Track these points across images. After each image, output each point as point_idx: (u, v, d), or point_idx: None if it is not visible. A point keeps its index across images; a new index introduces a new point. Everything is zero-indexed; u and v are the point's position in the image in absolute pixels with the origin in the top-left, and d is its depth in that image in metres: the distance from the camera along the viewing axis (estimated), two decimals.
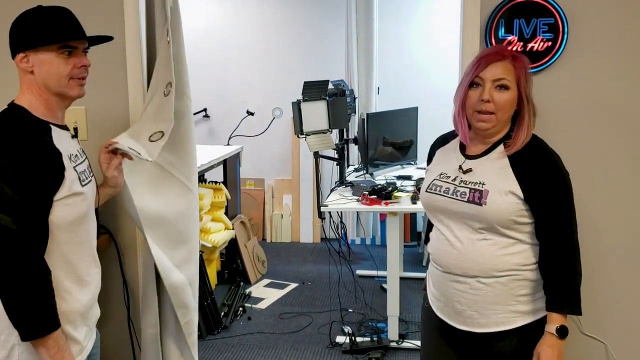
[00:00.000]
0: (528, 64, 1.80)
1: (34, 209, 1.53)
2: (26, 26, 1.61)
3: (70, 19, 1.66)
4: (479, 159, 1.81)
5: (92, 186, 1.75)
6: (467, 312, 1.80)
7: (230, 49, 5.72)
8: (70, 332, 1.67)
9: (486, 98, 1.72)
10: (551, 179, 1.72)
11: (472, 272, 1.77)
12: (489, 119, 1.74)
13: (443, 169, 1.88)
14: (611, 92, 2.39)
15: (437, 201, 1.84)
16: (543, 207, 1.72)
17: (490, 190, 1.73)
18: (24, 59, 1.61)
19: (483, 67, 1.74)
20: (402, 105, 4.49)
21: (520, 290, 1.77)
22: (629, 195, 2.45)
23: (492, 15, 2.38)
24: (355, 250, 5.37)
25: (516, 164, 1.74)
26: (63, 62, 1.62)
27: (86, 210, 1.69)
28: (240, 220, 4.68)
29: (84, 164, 1.73)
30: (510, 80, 1.73)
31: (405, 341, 3.50)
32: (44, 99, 1.64)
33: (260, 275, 4.75)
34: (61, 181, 1.58)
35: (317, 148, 3.49)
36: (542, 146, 1.79)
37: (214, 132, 5.78)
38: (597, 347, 2.54)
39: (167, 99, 2.05)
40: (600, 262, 2.50)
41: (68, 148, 1.66)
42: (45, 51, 1.60)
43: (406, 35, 5.44)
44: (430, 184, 1.88)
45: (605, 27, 2.35)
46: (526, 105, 1.75)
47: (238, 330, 3.81)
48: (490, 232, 1.75)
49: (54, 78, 1.62)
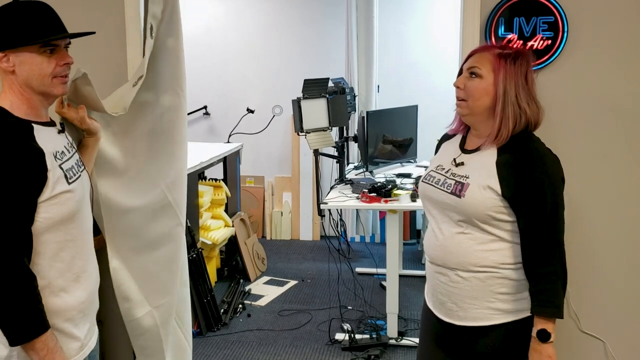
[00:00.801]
0: (525, 59, 1.78)
1: (15, 213, 1.48)
2: (4, 24, 1.54)
3: (50, 15, 1.60)
4: (472, 154, 1.83)
5: (82, 180, 1.70)
6: (448, 304, 1.84)
7: (230, 47, 5.72)
8: (70, 329, 1.65)
9: (454, 84, 1.82)
10: (532, 179, 1.70)
11: (451, 264, 1.80)
12: (459, 104, 1.82)
13: (441, 161, 1.92)
14: (611, 90, 2.39)
15: (429, 191, 1.89)
16: (523, 207, 1.71)
17: (471, 183, 1.75)
18: (4, 59, 1.55)
19: (467, 58, 1.83)
20: (402, 103, 4.50)
21: (499, 288, 1.77)
22: (628, 193, 2.45)
23: (492, 13, 2.38)
24: (354, 248, 5.37)
25: (501, 161, 1.75)
26: (46, 61, 1.56)
27: (75, 207, 1.63)
28: (240, 218, 4.69)
29: (71, 160, 1.67)
30: (482, 69, 1.76)
31: (404, 338, 3.51)
32: (26, 98, 1.58)
33: (260, 272, 4.76)
34: (44, 182, 1.52)
35: (317, 146, 3.49)
36: (531, 146, 1.76)
37: (214, 129, 5.78)
38: (595, 344, 2.55)
39: (133, 89, 2.01)
40: (600, 260, 2.51)
41: (53, 145, 1.60)
42: (26, 50, 1.54)
43: (406, 34, 5.44)
44: (427, 175, 1.93)
45: (605, 25, 2.36)
46: (501, 98, 1.74)
47: (237, 327, 3.82)
48: (469, 225, 1.77)
49: (37, 77, 1.57)
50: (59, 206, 1.56)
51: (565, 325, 2.56)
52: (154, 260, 2.14)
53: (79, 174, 1.69)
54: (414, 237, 5.47)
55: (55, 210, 1.55)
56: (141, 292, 2.13)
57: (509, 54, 1.76)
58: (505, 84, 1.74)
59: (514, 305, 1.77)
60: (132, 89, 2.03)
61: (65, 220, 1.60)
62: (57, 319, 1.61)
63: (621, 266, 2.51)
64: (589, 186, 2.46)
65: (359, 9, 5.09)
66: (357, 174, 4.15)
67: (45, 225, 1.55)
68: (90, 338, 1.76)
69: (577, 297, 2.54)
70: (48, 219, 1.55)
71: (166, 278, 2.18)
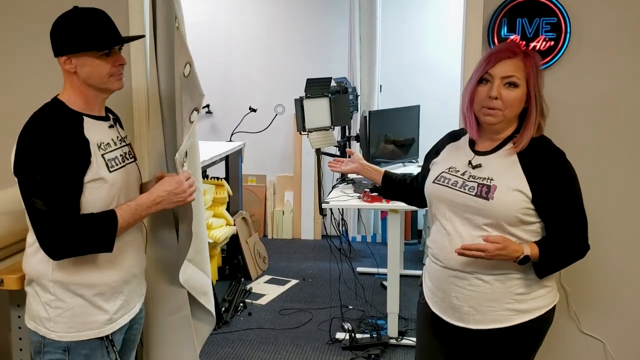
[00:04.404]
0: (539, 61, 1.81)
1: (63, 191, 1.67)
2: (67, 31, 1.75)
3: (107, 22, 1.80)
4: (488, 156, 1.81)
5: (125, 171, 1.88)
6: (464, 308, 1.81)
7: (233, 46, 5.72)
8: (99, 302, 1.82)
9: (494, 95, 1.72)
10: (561, 178, 1.73)
11: (471, 268, 1.78)
12: (495, 114, 1.75)
13: (452, 163, 1.89)
14: (614, 91, 2.39)
15: (444, 193, 1.84)
16: (552, 207, 1.73)
17: (499, 185, 1.73)
18: (67, 61, 1.76)
19: (493, 64, 1.74)
20: (404, 104, 4.49)
21: (517, 289, 1.78)
22: (630, 193, 2.45)
23: (495, 14, 2.38)
24: (355, 248, 5.38)
25: (525, 162, 1.75)
26: (103, 63, 1.78)
27: (113, 193, 1.81)
28: (241, 217, 4.69)
29: (116, 152, 1.87)
30: (520, 78, 1.73)
31: (404, 338, 3.52)
32: (84, 94, 1.80)
33: (261, 271, 4.76)
34: (88, 165, 1.73)
35: (319, 145, 3.50)
36: (551, 146, 1.79)
37: (217, 128, 5.79)
38: (595, 345, 2.56)
39: (190, 77, 2.08)
40: (600, 261, 2.51)
41: (99, 136, 1.81)
42: (86, 55, 1.76)
43: (409, 34, 5.44)
44: (439, 176, 1.88)
45: (607, 26, 2.36)
46: (535, 103, 1.75)
47: (238, 325, 3.83)
48: (495, 229, 1.74)
49: (96, 77, 1.78)
50: (99, 191, 1.76)
51: (566, 326, 2.57)
52: None
53: (123, 164, 1.88)
54: (415, 237, 5.47)
55: (96, 194, 1.76)
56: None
57: (530, 56, 1.77)
58: (536, 89, 1.75)
59: (529, 304, 1.79)
60: (189, 78, 2.07)
61: (103, 204, 1.77)
62: (88, 291, 1.80)
63: (622, 268, 2.51)
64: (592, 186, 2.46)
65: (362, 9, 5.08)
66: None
67: (87, 207, 1.74)
68: (122, 315, 1.91)
69: (578, 298, 2.55)
70: (90, 201, 1.75)
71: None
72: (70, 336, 1.80)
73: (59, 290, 1.79)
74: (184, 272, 2.20)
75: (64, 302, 1.79)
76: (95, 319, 1.83)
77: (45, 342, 1.81)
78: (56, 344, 1.80)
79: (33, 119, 1.74)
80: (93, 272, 1.81)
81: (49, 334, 1.80)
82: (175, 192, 1.87)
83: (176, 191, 1.88)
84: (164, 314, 2.32)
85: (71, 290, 1.79)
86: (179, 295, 2.31)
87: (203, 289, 2.36)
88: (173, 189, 1.87)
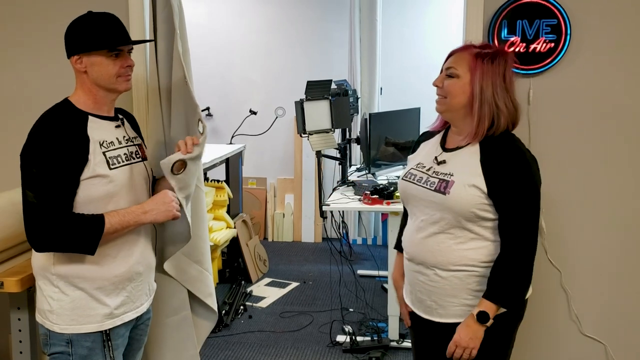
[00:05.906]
0: (502, 61, 1.79)
1: (55, 186, 1.72)
2: (80, 32, 1.84)
3: (117, 25, 1.88)
4: (454, 152, 1.85)
5: (129, 170, 1.92)
6: (427, 302, 1.87)
7: (233, 48, 5.73)
8: (99, 296, 1.85)
9: (434, 83, 1.87)
10: (516, 178, 1.73)
11: (430, 263, 1.82)
12: (439, 101, 1.87)
13: (422, 159, 1.94)
14: (613, 93, 2.39)
15: (410, 189, 1.90)
16: (505, 204, 1.74)
17: (456, 181, 1.77)
18: (78, 61, 1.84)
19: (447, 58, 1.87)
20: (404, 106, 4.49)
21: (477, 286, 1.79)
22: (629, 195, 2.45)
23: (495, 16, 2.39)
24: (356, 250, 5.37)
25: (485, 158, 1.77)
26: (112, 63, 1.85)
27: (112, 190, 1.85)
28: (242, 219, 4.69)
29: (120, 150, 1.91)
30: (459, 70, 1.80)
31: (405, 341, 3.51)
32: (93, 94, 1.87)
33: (262, 274, 4.76)
34: (85, 162, 1.78)
35: (320, 147, 3.50)
36: (515, 145, 1.79)
37: (217, 130, 5.79)
38: (596, 347, 2.55)
39: (187, 88, 2.17)
40: (600, 262, 2.51)
41: (103, 135, 1.86)
42: (97, 55, 1.83)
43: (409, 36, 5.44)
44: (407, 173, 1.95)
45: (608, 28, 2.36)
46: (477, 95, 1.77)
47: (239, 328, 3.82)
48: (452, 223, 1.78)
49: (104, 77, 1.85)
50: (96, 187, 1.81)
51: (567, 328, 2.57)
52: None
53: (127, 163, 1.92)
54: None
55: (92, 190, 1.80)
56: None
57: (486, 54, 1.78)
58: (482, 83, 1.77)
59: None
60: (186, 89, 2.16)
61: (102, 200, 1.82)
62: (88, 284, 1.84)
63: (622, 270, 2.51)
64: (591, 189, 2.46)
65: (362, 11, 5.10)
66: (359, 176, 4.15)
67: (83, 203, 1.79)
68: (126, 312, 1.92)
69: (578, 300, 2.54)
70: (85, 197, 1.79)
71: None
72: (72, 328, 1.84)
73: (61, 283, 1.83)
74: (170, 265, 2.25)
75: (66, 295, 1.84)
76: (95, 312, 1.86)
77: (50, 334, 1.86)
78: (59, 336, 1.85)
79: (40, 118, 1.82)
80: (92, 266, 1.84)
81: (52, 327, 1.85)
82: (164, 201, 1.91)
83: (165, 200, 1.91)
84: (164, 314, 2.32)
85: (72, 283, 1.83)
86: (180, 296, 2.32)
87: (208, 290, 2.37)
88: (161, 198, 1.91)
